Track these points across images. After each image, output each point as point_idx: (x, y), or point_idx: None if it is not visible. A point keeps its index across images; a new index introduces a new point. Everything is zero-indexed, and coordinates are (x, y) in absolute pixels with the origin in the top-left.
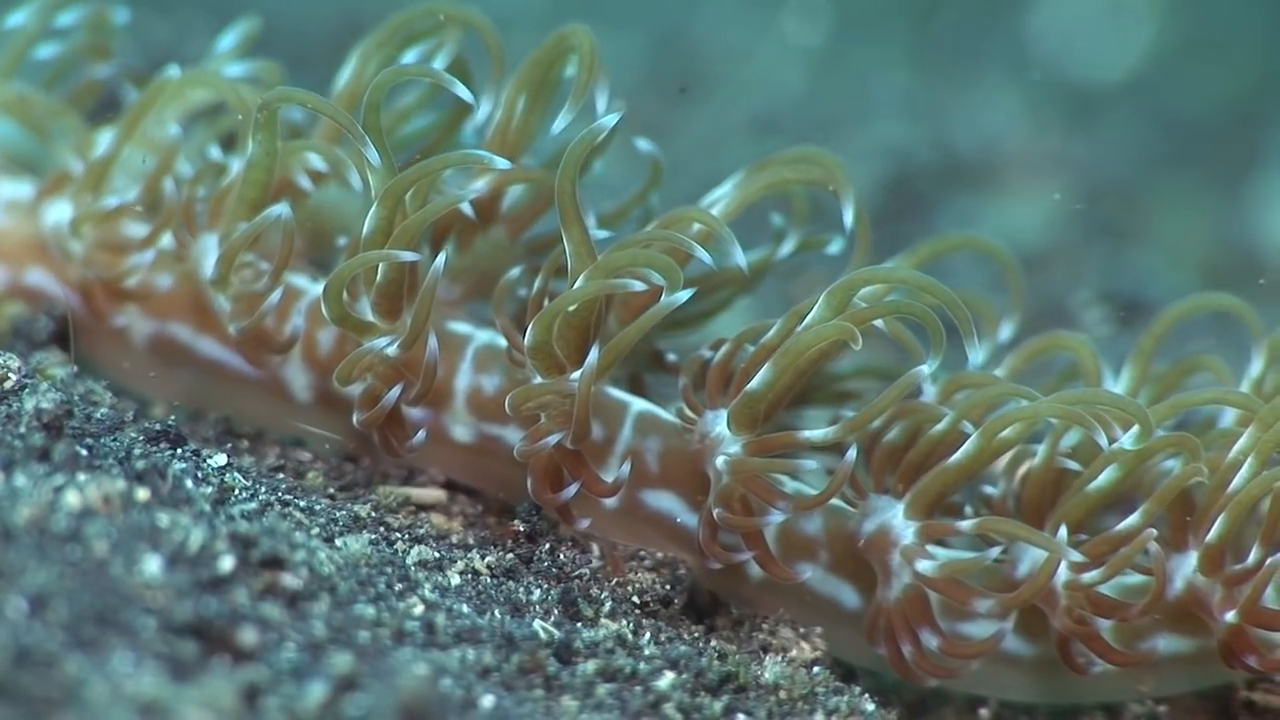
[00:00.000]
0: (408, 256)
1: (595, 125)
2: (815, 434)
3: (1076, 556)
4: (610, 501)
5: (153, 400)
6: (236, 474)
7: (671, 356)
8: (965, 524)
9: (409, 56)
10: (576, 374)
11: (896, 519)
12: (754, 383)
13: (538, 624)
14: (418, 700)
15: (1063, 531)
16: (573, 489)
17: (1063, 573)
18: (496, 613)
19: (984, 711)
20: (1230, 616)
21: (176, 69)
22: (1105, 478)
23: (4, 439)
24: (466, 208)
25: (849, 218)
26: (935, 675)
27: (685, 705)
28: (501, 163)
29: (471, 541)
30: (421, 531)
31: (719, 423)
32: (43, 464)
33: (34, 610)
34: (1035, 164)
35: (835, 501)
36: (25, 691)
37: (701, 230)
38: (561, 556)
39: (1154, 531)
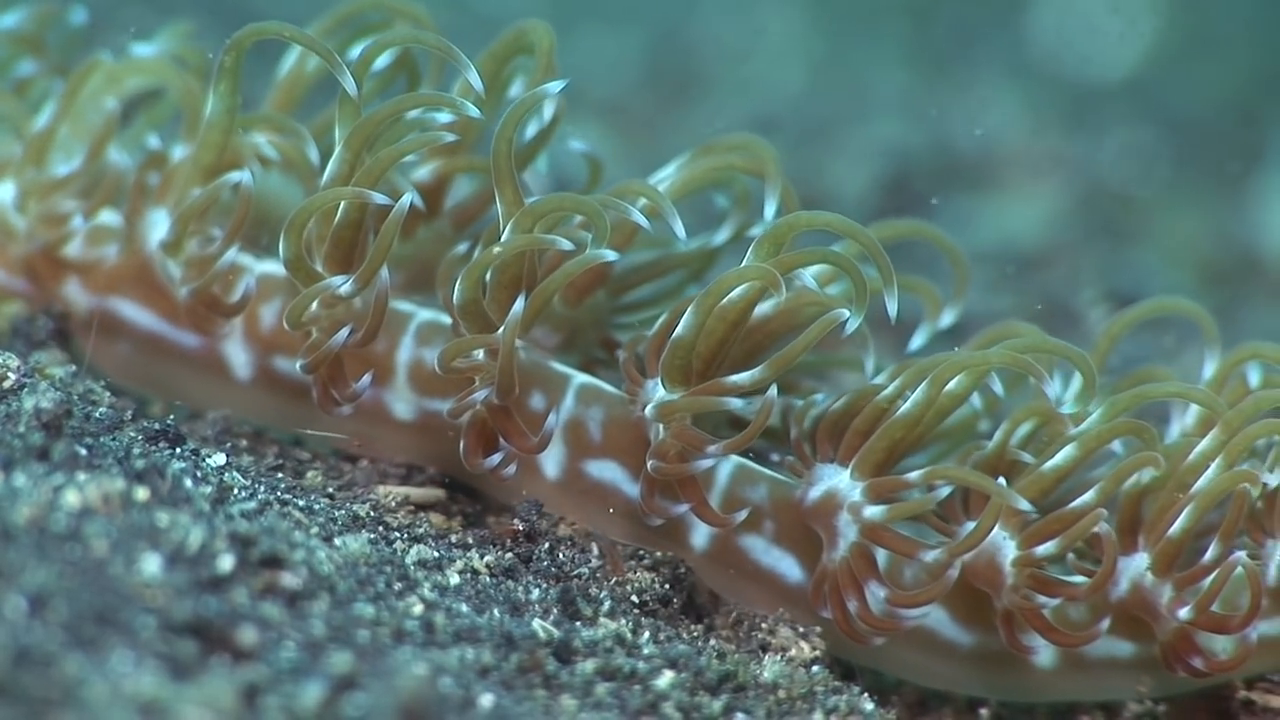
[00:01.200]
0: (376, 198)
1: (538, 90)
2: (741, 377)
3: (1024, 504)
4: (552, 472)
5: (152, 399)
6: (235, 473)
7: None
8: (914, 474)
9: (354, 51)
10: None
11: (843, 482)
12: (678, 329)
13: (537, 623)
14: (417, 700)
15: (1002, 481)
16: (498, 456)
17: (1010, 550)
18: (495, 612)
19: (984, 711)
20: (1184, 613)
21: (108, 53)
22: (1062, 457)
23: (3, 438)
24: (416, 198)
25: (770, 210)
26: (881, 630)
27: (684, 704)
28: (471, 110)
29: (470, 541)
30: (420, 531)
31: (658, 388)
32: (42, 463)
33: (33, 610)
34: (1034, 163)
35: (782, 476)
36: (25, 691)
37: (647, 205)
38: (560, 556)
39: (1104, 512)
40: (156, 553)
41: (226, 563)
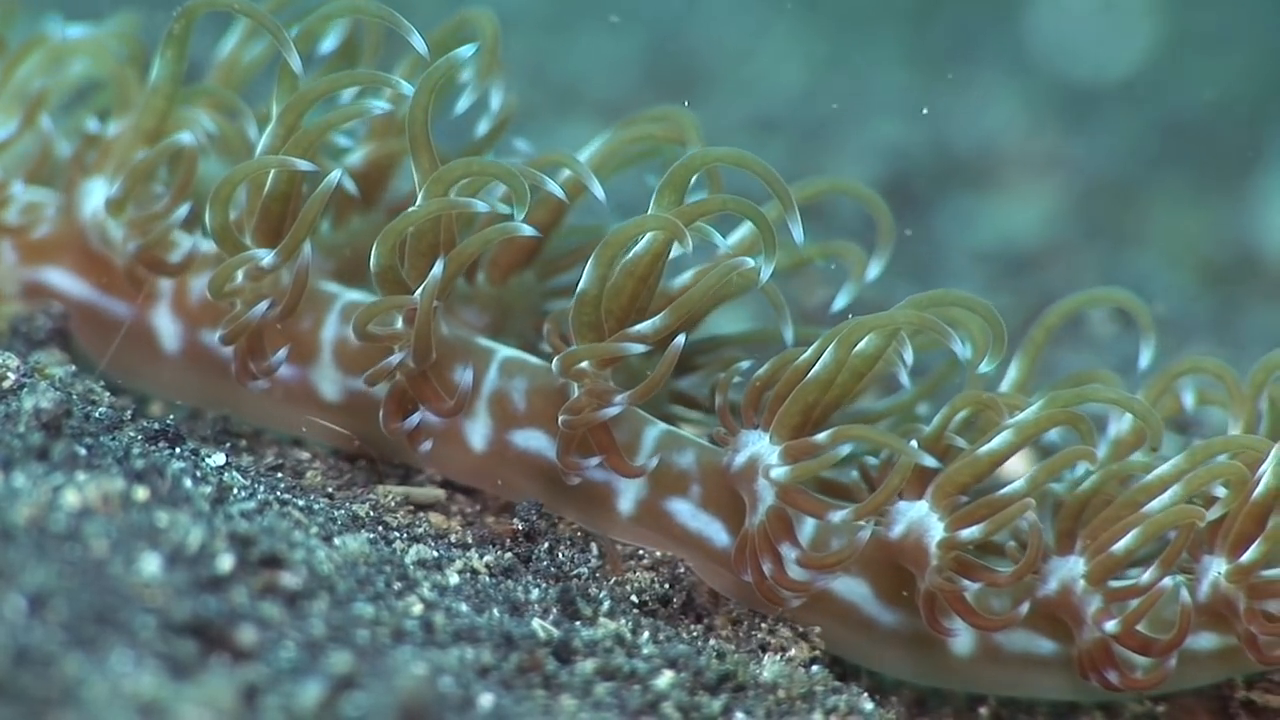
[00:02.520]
0: (301, 165)
1: (452, 54)
2: (643, 326)
3: (929, 461)
4: (479, 445)
5: (151, 398)
6: (235, 473)
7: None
8: (822, 435)
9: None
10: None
11: (764, 446)
12: (580, 284)
13: (536, 623)
14: (416, 699)
15: (913, 443)
16: (416, 417)
17: (937, 531)
18: (495, 612)
19: (983, 710)
20: (1111, 627)
21: (54, 28)
22: (997, 442)
23: (3, 438)
24: (346, 181)
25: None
26: (795, 592)
27: (684, 704)
28: (406, 87)
29: (470, 540)
30: (420, 530)
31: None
32: (42, 463)
33: (33, 609)
34: (1033, 163)
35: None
36: (24, 690)
37: (571, 178)
38: (560, 556)
39: (1033, 501)
40: (156, 552)
41: (226, 562)
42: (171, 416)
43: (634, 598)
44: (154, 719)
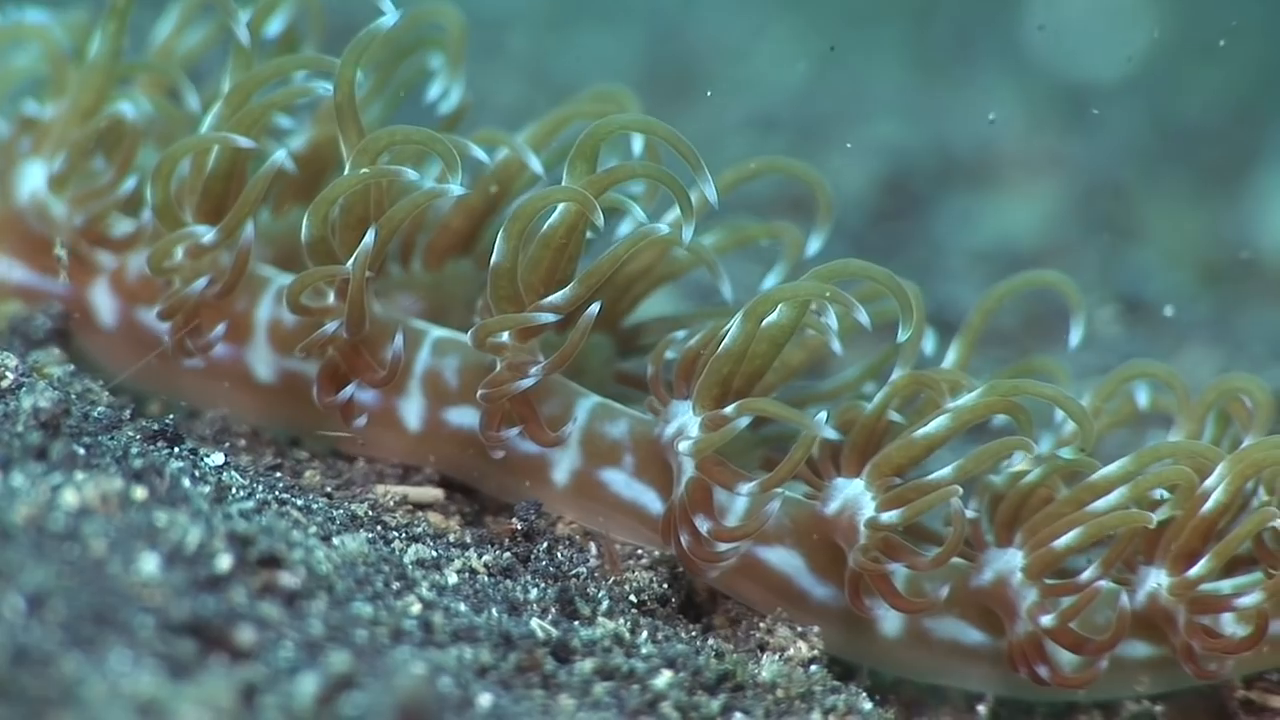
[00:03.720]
0: (243, 142)
1: (373, 25)
2: (556, 297)
3: (830, 433)
4: (414, 424)
5: (150, 398)
6: (234, 473)
7: None
8: (729, 407)
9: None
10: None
11: (688, 416)
12: (493, 257)
13: (535, 622)
14: (415, 699)
15: (823, 415)
16: (349, 390)
17: (869, 510)
18: (494, 611)
19: (981, 709)
20: (1047, 621)
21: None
22: (933, 426)
23: (1, 438)
24: (288, 162)
25: (638, 148)
26: (711, 562)
27: (682, 704)
28: (359, 78)
29: (469, 540)
30: (419, 530)
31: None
32: (40, 463)
33: (32, 609)
34: (1032, 163)
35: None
36: (23, 690)
37: (510, 158)
38: (559, 555)
39: (959, 489)
40: (155, 552)
41: (225, 562)
42: (171, 416)
43: (632, 597)
44: (153, 718)
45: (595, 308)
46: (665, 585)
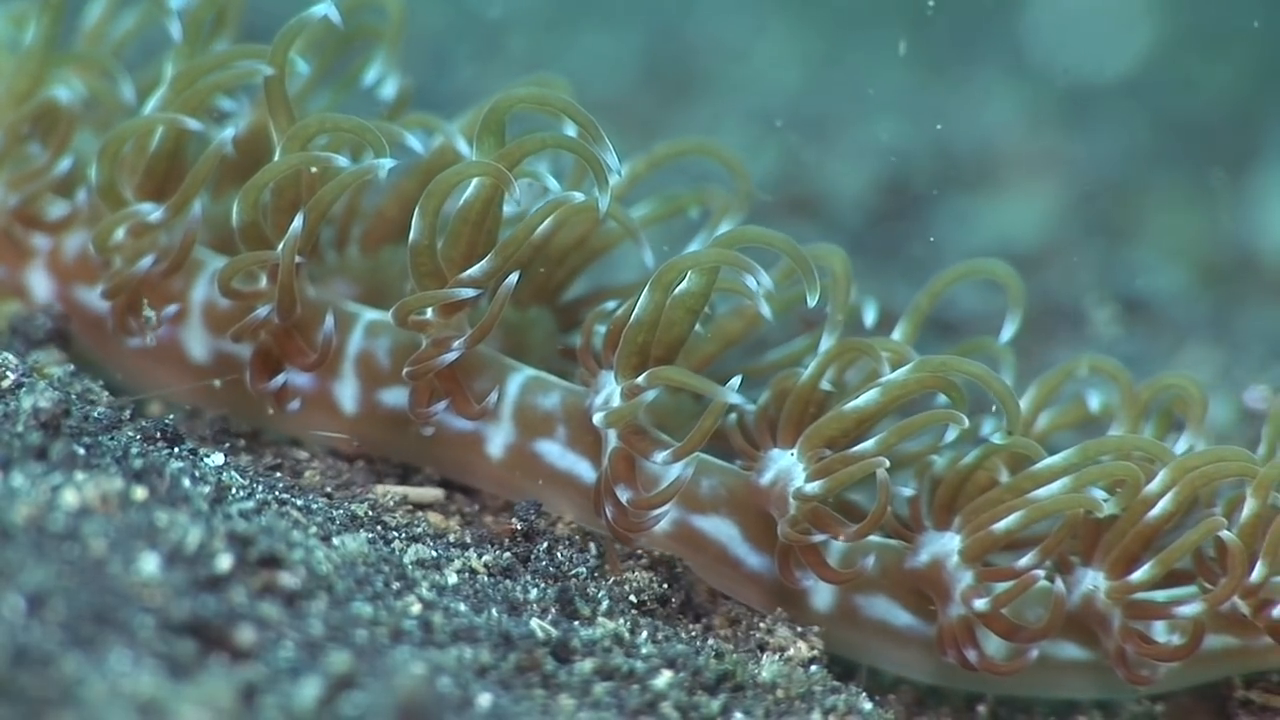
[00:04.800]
0: (190, 124)
1: (303, 15)
2: (474, 270)
3: (736, 399)
4: (350, 407)
5: (149, 398)
6: (234, 473)
7: None
8: (641, 378)
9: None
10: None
11: (612, 386)
12: (411, 235)
13: (535, 623)
14: (415, 699)
15: (734, 380)
16: (282, 378)
17: (799, 481)
18: (494, 611)
19: (981, 709)
20: (980, 604)
21: None
22: (863, 399)
23: (1, 438)
24: (228, 147)
25: (571, 130)
26: (633, 530)
27: (682, 704)
28: (301, 66)
29: (469, 540)
30: (419, 530)
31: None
32: (40, 463)
33: (32, 609)
34: (1032, 163)
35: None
36: (23, 690)
37: (445, 145)
38: (559, 555)
39: (886, 461)
40: (155, 552)
41: (225, 562)
42: (171, 416)
43: (632, 597)
44: (153, 718)
45: (513, 278)
46: (665, 585)
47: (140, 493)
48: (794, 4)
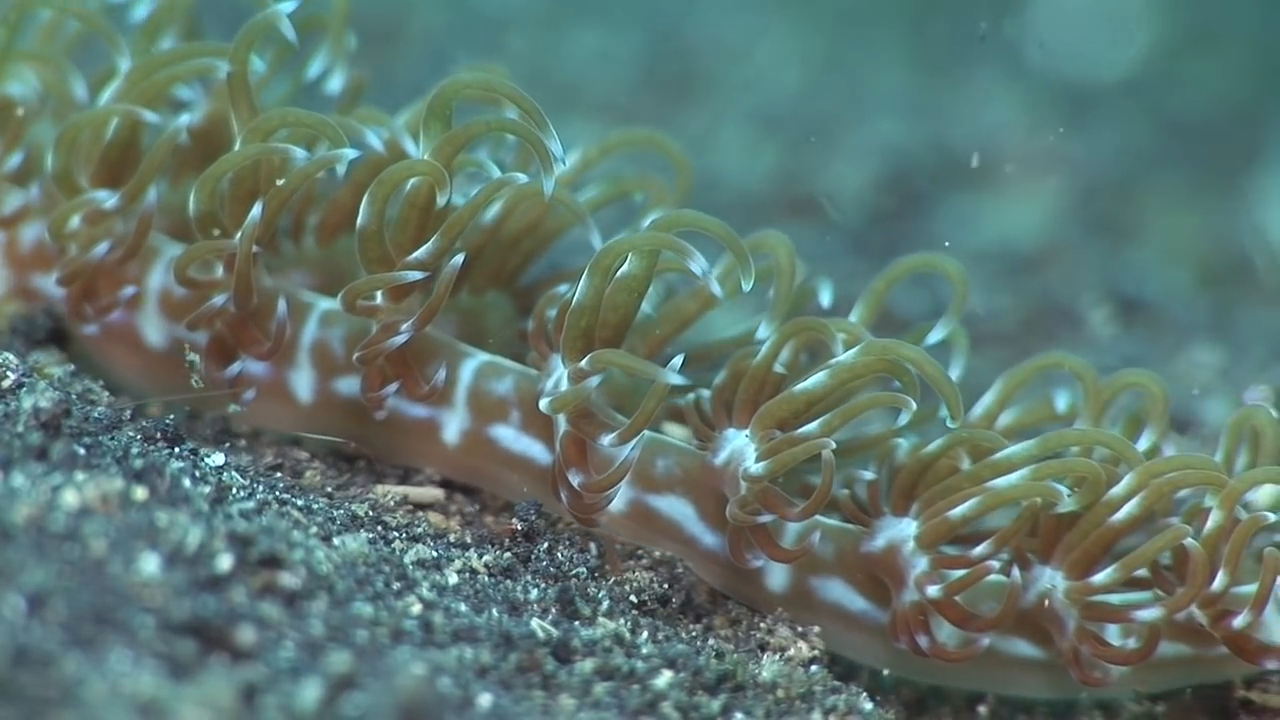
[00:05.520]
0: (148, 116)
1: (269, 11)
2: (420, 253)
3: (677, 379)
4: (306, 396)
5: (149, 399)
6: (234, 473)
7: None
8: (584, 361)
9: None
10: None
11: (560, 370)
12: (359, 221)
13: (535, 623)
14: (415, 699)
15: (677, 360)
16: (237, 367)
17: (750, 462)
18: (494, 611)
19: (982, 709)
20: (932, 591)
21: None
22: (812, 381)
23: (2, 438)
24: (182, 135)
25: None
26: (589, 512)
27: (683, 704)
28: (259, 64)
29: (469, 540)
30: (419, 530)
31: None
32: (40, 463)
33: (32, 609)
34: (1032, 162)
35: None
36: (23, 690)
37: (394, 143)
38: (559, 555)
39: (831, 442)
40: (155, 552)
41: (225, 562)
42: (171, 416)
43: (633, 597)
44: (153, 719)
45: (459, 259)
46: (665, 585)
47: (141, 493)
48: (794, 4)
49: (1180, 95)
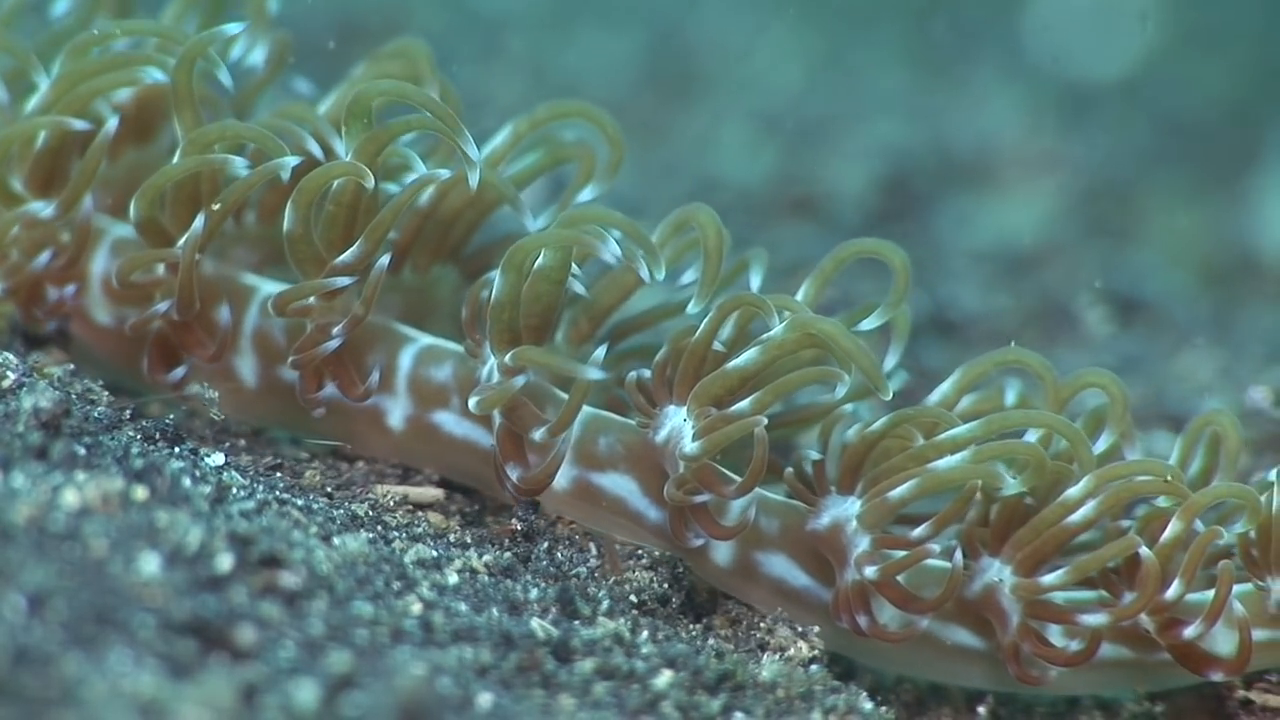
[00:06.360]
0: (77, 124)
1: (218, 29)
2: (346, 256)
3: (597, 375)
4: (251, 380)
5: (150, 399)
6: (234, 473)
7: None
8: (508, 358)
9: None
10: (183, 240)
11: (491, 360)
12: (285, 226)
13: (535, 622)
14: (415, 699)
15: (599, 352)
16: (181, 370)
17: (686, 441)
18: (494, 611)
19: (981, 709)
20: (870, 572)
21: None
22: (745, 358)
23: (2, 438)
24: (112, 124)
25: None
26: (531, 492)
27: (683, 704)
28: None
29: (469, 540)
30: (419, 530)
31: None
32: (41, 462)
33: (33, 609)
34: (1032, 163)
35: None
36: (24, 690)
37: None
38: (559, 555)
39: (763, 419)
40: (155, 552)
41: (225, 562)
42: (171, 416)
43: (633, 597)
44: (153, 718)
45: (384, 260)
46: (665, 585)
47: (141, 493)
48: (794, 4)
49: (1180, 95)
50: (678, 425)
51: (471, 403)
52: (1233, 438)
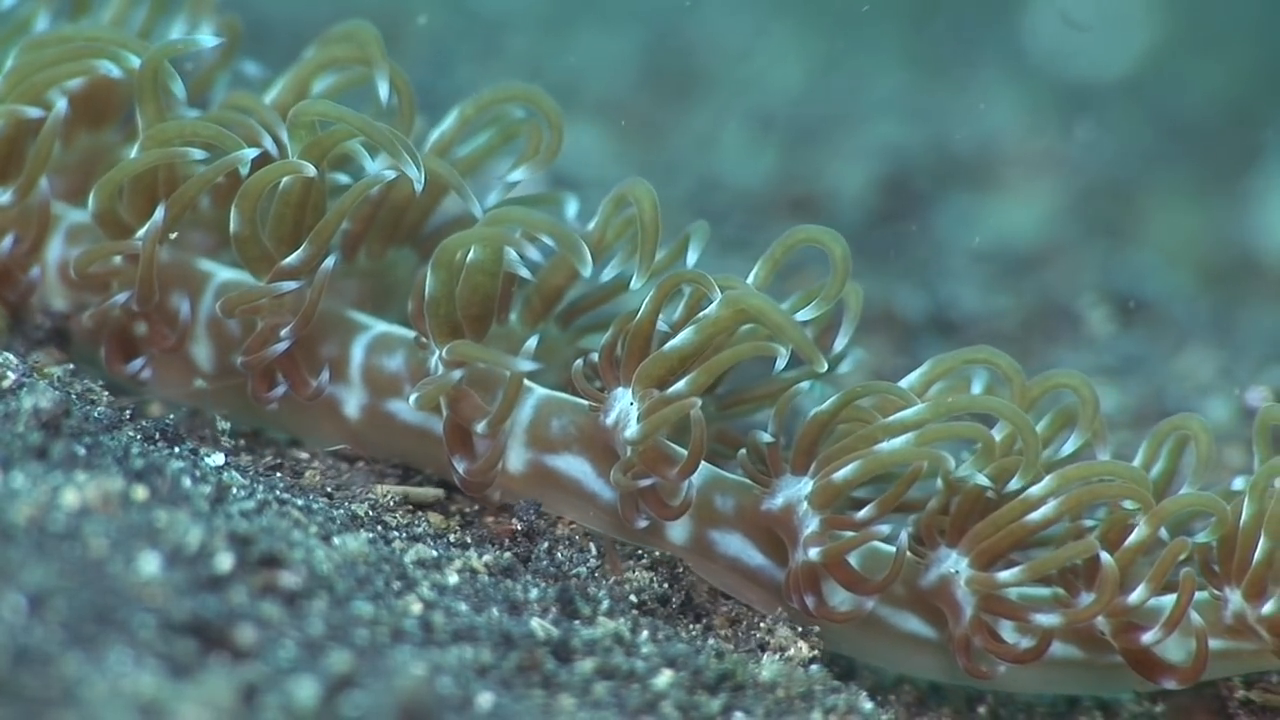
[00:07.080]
0: (31, 112)
1: (192, 38)
2: (292, 259)
3: (529, 365)
4: (206, 366)
5: (149, 399)
6: (234, 473)
7: None
8: (444, 351)
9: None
10: (142, 231)
11: (436, 353)
12: (231, 228)
13: (535, 622)
14: (415, 699)
15: (531, 343)
16: (139, 362)
17: (631, 430)
18: (494, 611)
19: (981, 709)
20: (814, 553)
21: None
22: (681, 339)
23: (2, 438)
24: (62, 104)
25: (383, 93)
26: (477, 487)
27: (683, 703)
28: (134, 60)
29: (469, 540)
30: (419, 530)
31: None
32: (41, 462)
33: (33, 609)
34: (1032, 162)
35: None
36: (24, 690)
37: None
38: (559, 555)
39: (698, 400)
40: (155, 552)
41: (225, 562)
42: (171, 416)
43: (633, 597)
44: (153, 718)
45: (330, 262)
46: (665, 585)
47: (141, 493)
48: (794, 4)
49: (1180, 95)
50: (625, 408)
51: (411, 399)
52: (1204, 443)
